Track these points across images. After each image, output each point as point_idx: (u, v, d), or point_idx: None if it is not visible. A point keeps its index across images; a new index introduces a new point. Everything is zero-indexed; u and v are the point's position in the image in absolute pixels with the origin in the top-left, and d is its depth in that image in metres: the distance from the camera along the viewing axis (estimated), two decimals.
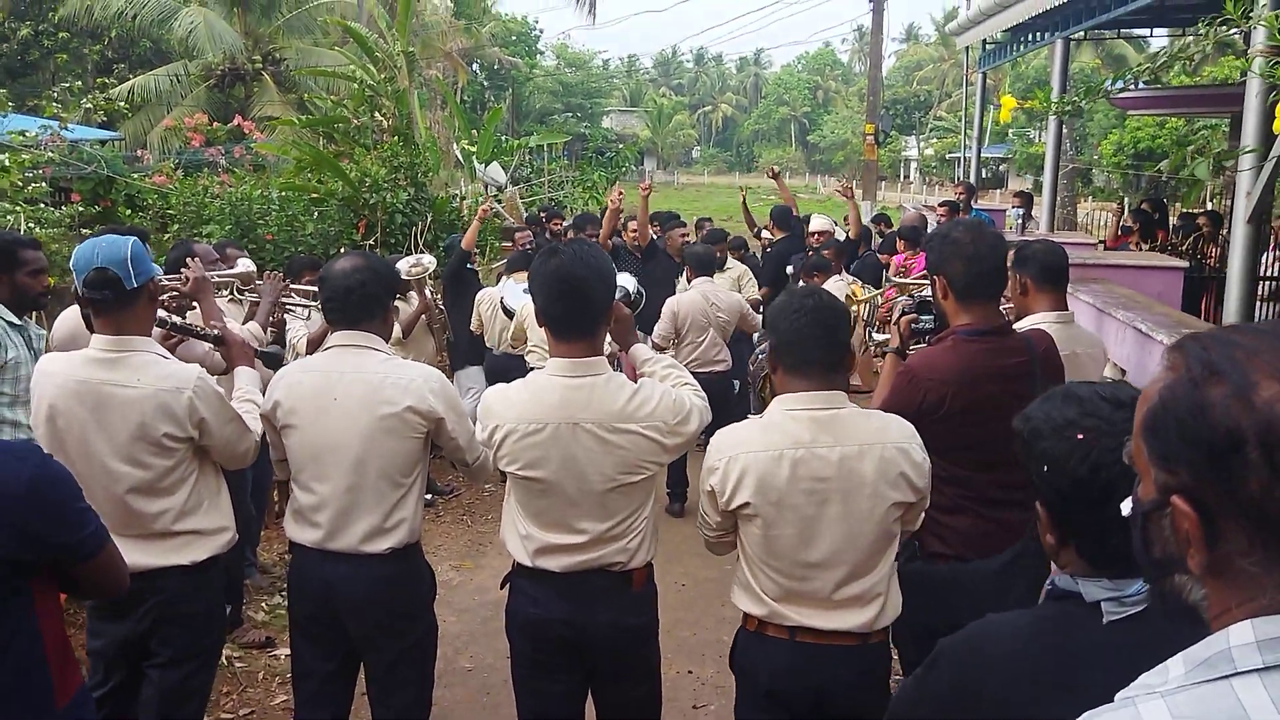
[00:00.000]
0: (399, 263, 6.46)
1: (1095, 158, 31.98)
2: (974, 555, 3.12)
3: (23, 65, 24.48)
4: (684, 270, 7.69)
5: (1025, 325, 3.68)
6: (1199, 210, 12.68)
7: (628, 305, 3.25)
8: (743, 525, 2.74)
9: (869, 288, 7.35)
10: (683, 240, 8.99)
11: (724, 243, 8.90)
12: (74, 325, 4.26)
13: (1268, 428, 0.97)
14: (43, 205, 7.80)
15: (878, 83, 28.51)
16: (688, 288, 7.22)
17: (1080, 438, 1.65)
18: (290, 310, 5.22)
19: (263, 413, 3.29)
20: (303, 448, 3.18)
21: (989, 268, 3.16)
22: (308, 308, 5.15)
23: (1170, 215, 13.45)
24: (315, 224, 10.12)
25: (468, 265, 8.04)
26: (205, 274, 3.94)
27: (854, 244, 9.45)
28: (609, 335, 3.05)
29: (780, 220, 9.46)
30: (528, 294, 3.18)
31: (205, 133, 14.71)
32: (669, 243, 8.99)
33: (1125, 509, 1.14)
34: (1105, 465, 1.59)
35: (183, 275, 3.93)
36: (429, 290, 7.08)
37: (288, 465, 3.28)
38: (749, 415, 4.22)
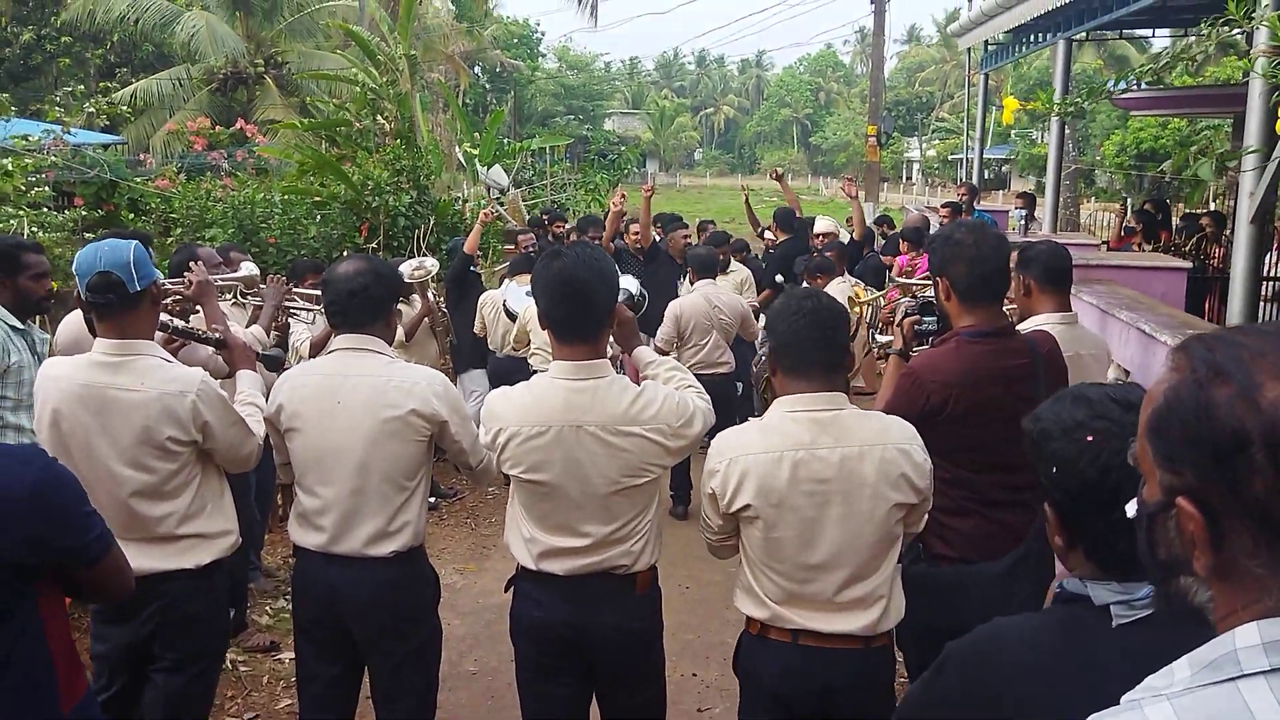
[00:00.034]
0: (402, 266, 6.47)
1: (1098, 158, 31.97)
2: (978, 557, 3.12)
3: (25, 70, 24.54)
4: (686, 272, 7.69)
5: (1028, 326, 3.67)
6: (1202, 211, 12.66)
7: (630, 307, 3.24)
8: (744, 528, 2.74)
9: (871, 289, 7.36)
10: (685, 242, 8.99)
11: (726, 245, 8.90)
12: (78, 329, 4.26)
13: (1273, 428, 0.97)
14: (46, 209, 7.81)
15: (880, 84, 28.52)
16: (691, 290, 7.22)
17: (1090, 440, 1.64)
18: (295, 314, 5.22)
19: (266, 416, 3.29)
20: (306, 451, 3.18)
21: (992, 269, 3.16)
22: (312, 311, 5.15)
23: (1173, 216, 13.45)
24: (318, 227, 10.13)
25: (471, 268, 8.05)
26: (208, 278, 3.94)
27: (858, 245, 9.44)
28: (612, 338, 3.05)
29: (783, 222, 9.46)
30: (530, 297, 3.19)
31: (208, 136, 14.73)
32: (671, 244, 8.99)
33: (1130, 510, 1.13)
34: (1115, 467, 1.58)
35: (186, 279, 3.94)
36: (431, 293, 7.09)
37: (291, 469, 3.28)
38: (752, 417, 4.22)
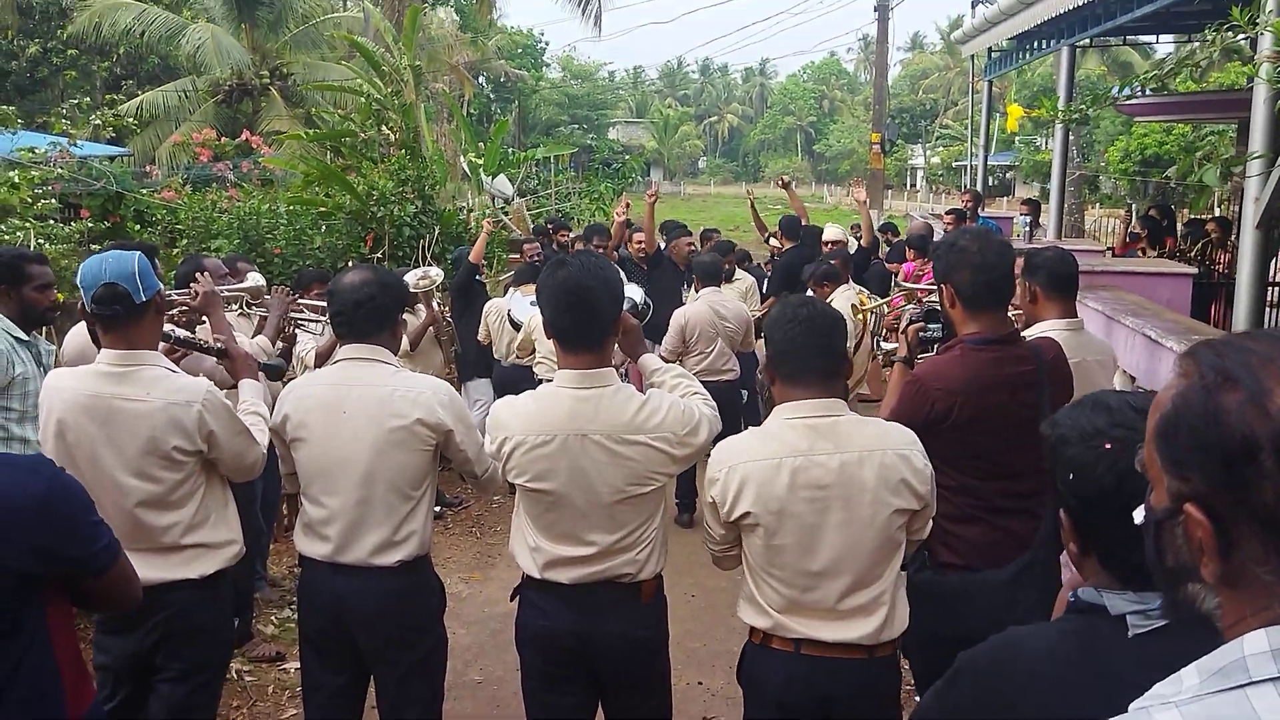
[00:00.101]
0: (407, 276, 6.48)
1: (1102, 165, 31.95)
2: (983, 564, 3.11)
3: (32, 82, 24.65)
4: (690, 280, 7.67)
5: (1034, 333, 3.67)
6: (1208, 216, 12.65)
7: (635, 315, 3.25)
8: (745, 536, 2.73)
9: (875, 297, 7.35)
10: (689, 249, 9.00)
11: (732, 254, 8.90)
12: (84, 341, 4.26)
13: None
14: (52, 221, 7.85)
15: (883, 91, 28.56)
16: (695, 297, 7.22)
17: (1108, 447, 1.63)
18: (302, 325, 5.22)
19: (272, 426, 3.29)
20: (312, 461, 3.18)
21: (996, 276, 3.15)
22: (320, 322, 5.15)
23: (1178, 222, 13.43)
24: (323, 237, 10.16)
25: (476, 278, 8.06)
26: (214, 288, 3.94)
27: (867, 252, 9.44)
28: (617, 346, 3.04)
29: (789, 230, 9.46)
30: (535, 306, 3.19)
31: (213, 148, 14.79)
32: (674, 252, 9.00)
33: (1138, 517, 1.13)
34: (1132, 476, 1.58)
35: (192, 290, 3.94)
36: (436, 303, 7.10)
37: (297, 479, 3.28)
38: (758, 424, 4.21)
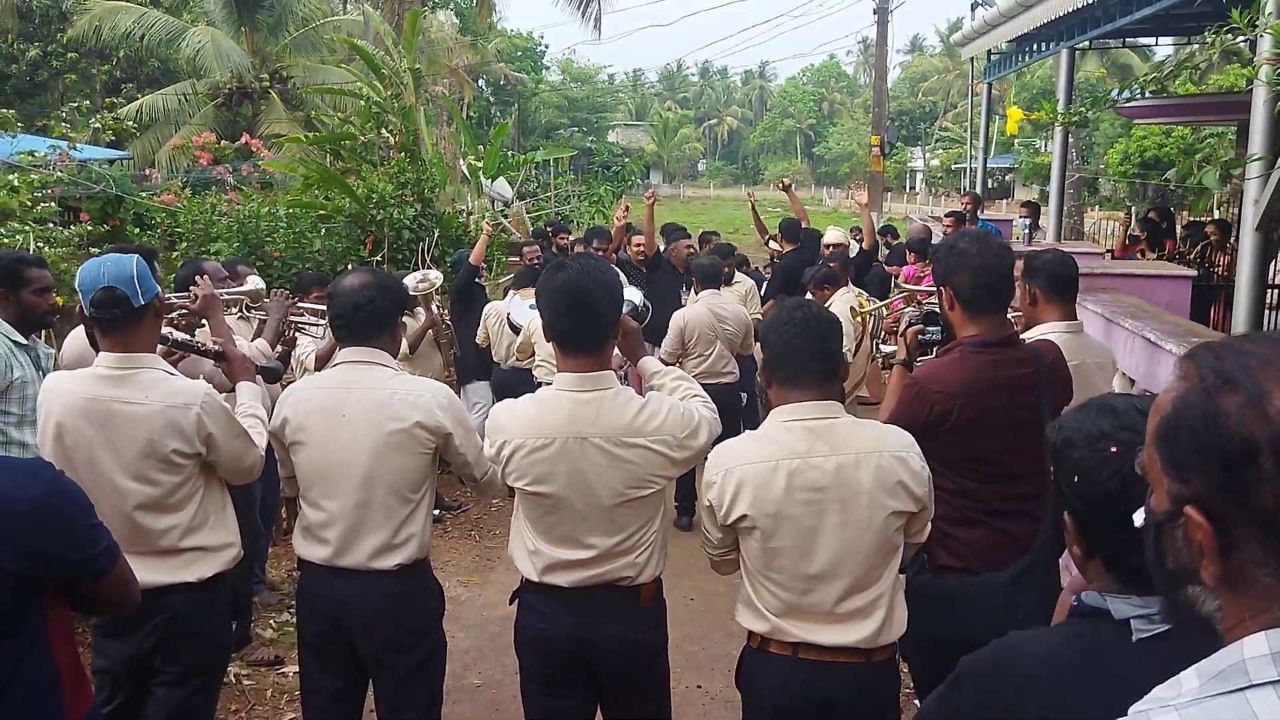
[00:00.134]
0: (406, 279, 6.48)
1: (1101, 167, 31.97)
2: (983, 567, 3.11)
3: (32, 86, 24.68)
4: (689, 283, 7.67)
5: (1034, 335, 3.67)
6: (1206, 219, 12.66)
7: (634, 318, 3.24)
8: (742, 539, 2.72)
9: (874, 300, 7.35)
10: (688, 252, 9.00)
11: (731, 257, 8.90)
12: (83, 344, 4.26)
13: None
14: (52, 225, 7.84)
15: (883, 94, 28.59)
16: (695, 300, 7.22)
17: (1114, 451, 1.63)
18: (303, 329, 5.22)
19: (271, 429, 3.29)
20: (311, 464, 3.18)
21: (996, 279, 3.15)
22: (320, 326, 5.15)
23: (1177, 224, 13.44)
24: (323, 241, 10.16)
25: (476, 280, 8.06)
26: (213, 292, 3.94)
27: (868, 255, 9.44)
28: (617, 348, 3.04)
29: (789, 233, 9.46)
30: (534, 310, 3.19)
31: (213, 151, 14.79)
32: (673, 254, 9.00)
33: (1138, 519, 1.13)
34: (1137, 480, 1.57)
35: (191, 293, 3.94)
36: (436, 305, 7.10)
37: (296, 482, 3.27)
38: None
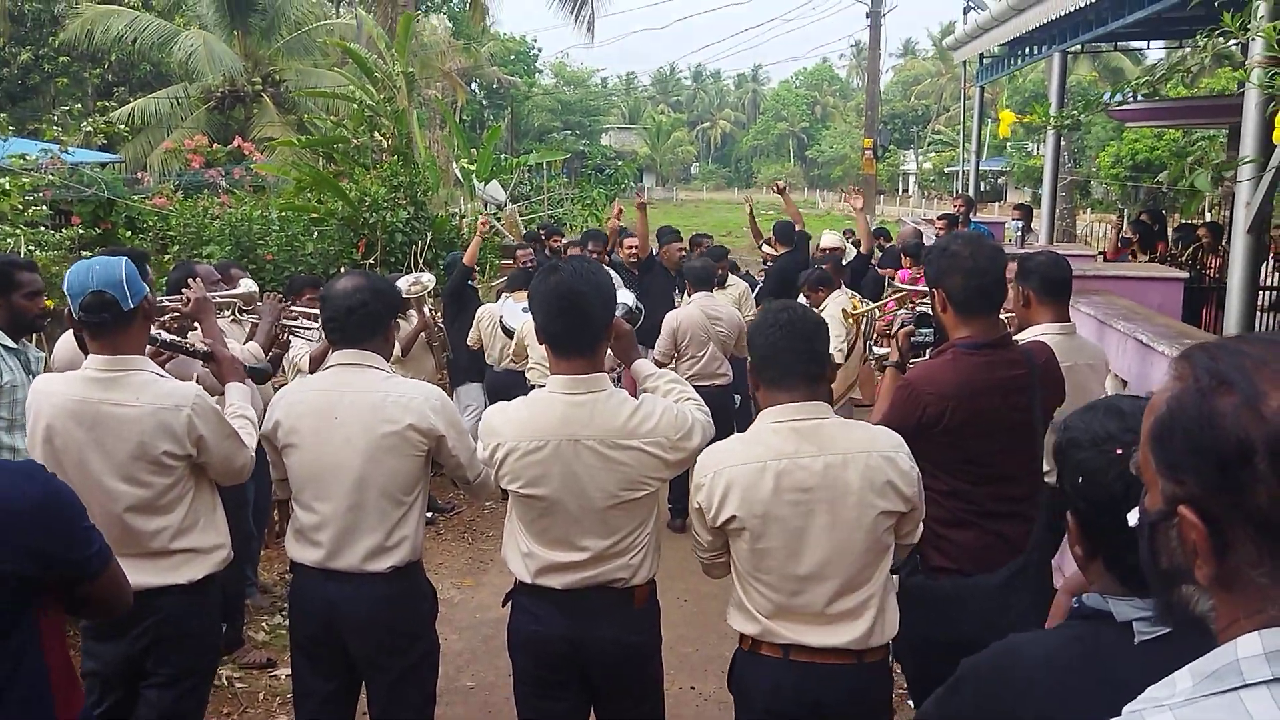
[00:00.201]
0: (399, 281, 6.47)
1: (1093, 170, 32.05)
2: (975, 569, 3.11)
3: (23, 89, 24.58)
4: (682, 285, 7.67)
5: (1027, 337, 3.68)
6: (1198, 221, 12.69)
7: (627, 320, 3.24)
8: (732, 541, 2.73)
9: (868, 301, 7.36)
10: (679, 255, 9.01)
11: (725, 259, 8.91)
12: (75, 348, 4.24)
13: (1277, 438, 0.96)
14: (43, 228, 7.80)
15: (875, 98, 28.64)
16: (689, 302, 7.22)
17: (1119, 452, 1.63)
18: (296, 333, 5.20)
19: (264, 432, 3.28)
20: (304, 467, 3.17)
21: (988, 280, 3.15)
22: (314, 329, 5.13)
23: (1169, 227, 13.47)
24: (315, 244, 10.14)
25: (469, 282, 8.06)
26: (206, 294, 3.93)
27: (865, 259, 9.45)
28: (610, 351, 3.04)
29: (782, 235, 9.46)
30: (526, 312, 3.18)
31: (205, 154, 14.75)
32: (665, 257, 9.01)
33: (1132, 519, 1.13)
34: (1140, 482, 1.57)
35: (184, 296, 3.93)
36: (428, 308, 7.09)
37: (288, 484, 3.27)
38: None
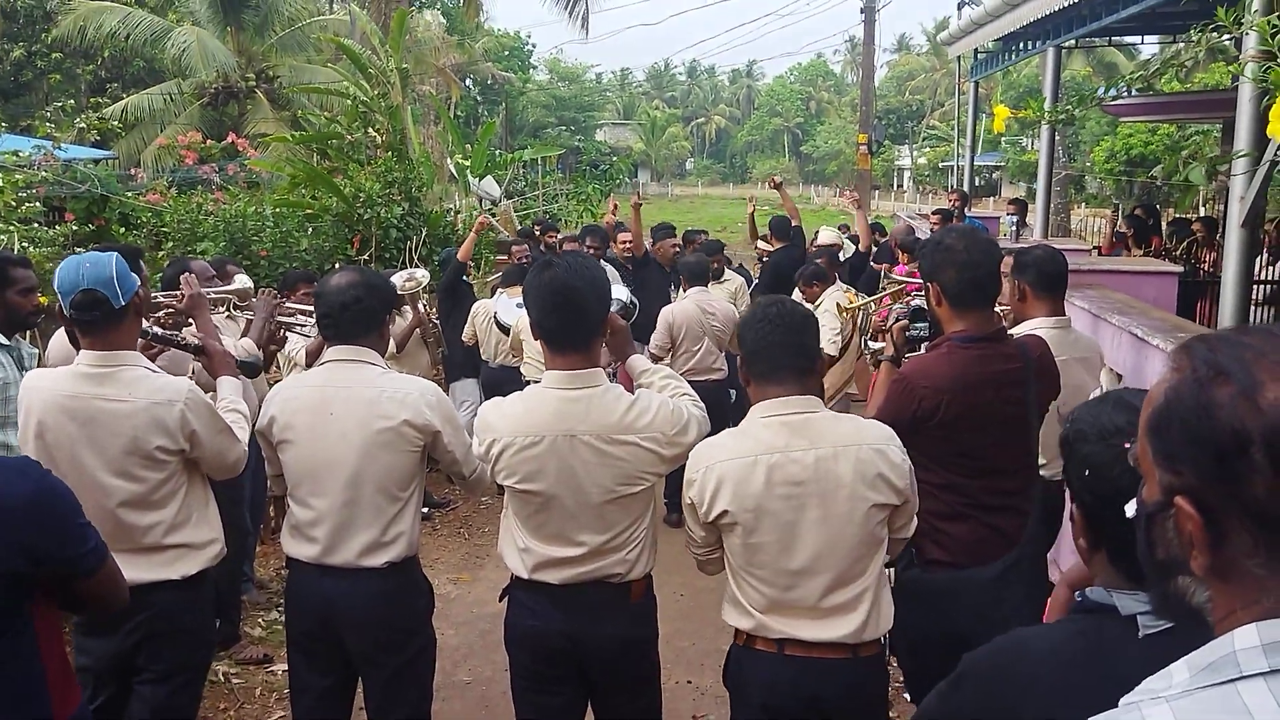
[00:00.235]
0: (393, 277, 6.46)
1: (1088, 165, 32.08)
2: (971, 562, 3.12)
3: (16, 86, 24.53)
4: (677, 281, 7.66)
5: (1022, 331, 3.68)
6: (1193, 216, 12.72)
7: (621, 315, 3.24)
8: (725, 536, 2.72)
9: (863, 295, 7.36)
10: (674, 251, 9.00)
11: (720, 254, 8.90)
12: (70, 345, 4.24)
13: (1274, 429, 0.96)
14: (36, 225, 7.79)
15: (870, 93, 28.65)
16: (684, 297, 7.22)
17: (1127, 446, 1.62)
18: (292, 329, 5.19)
19: (259, 428, 3.27)
20: (299, 463, 3.16)
21: (982, 274, 3.15)
22: (308, 325, 5.12)
23: (1163, 221, 13.49)
24: (310, 240, 10.14)
25: (463, 278, 8.05)
26: (200, 290, 3.92)
27: (864, 256, 9.45)
28: (605, 347, 3.04)
29: (779, 230, 9.46)
30: (521, 308, 3.18)
31: (199, 150, 14.74)
32: (659, 253, 9.01)
33: (1130, 510, 1.12)
34: None
35: (178, 292, 3.92)
36: (423, 304, 7.09)
37: (284, 481, 3.26)
38: None
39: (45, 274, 6.15)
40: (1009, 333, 3.44)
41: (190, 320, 4.00)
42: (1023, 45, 12.47)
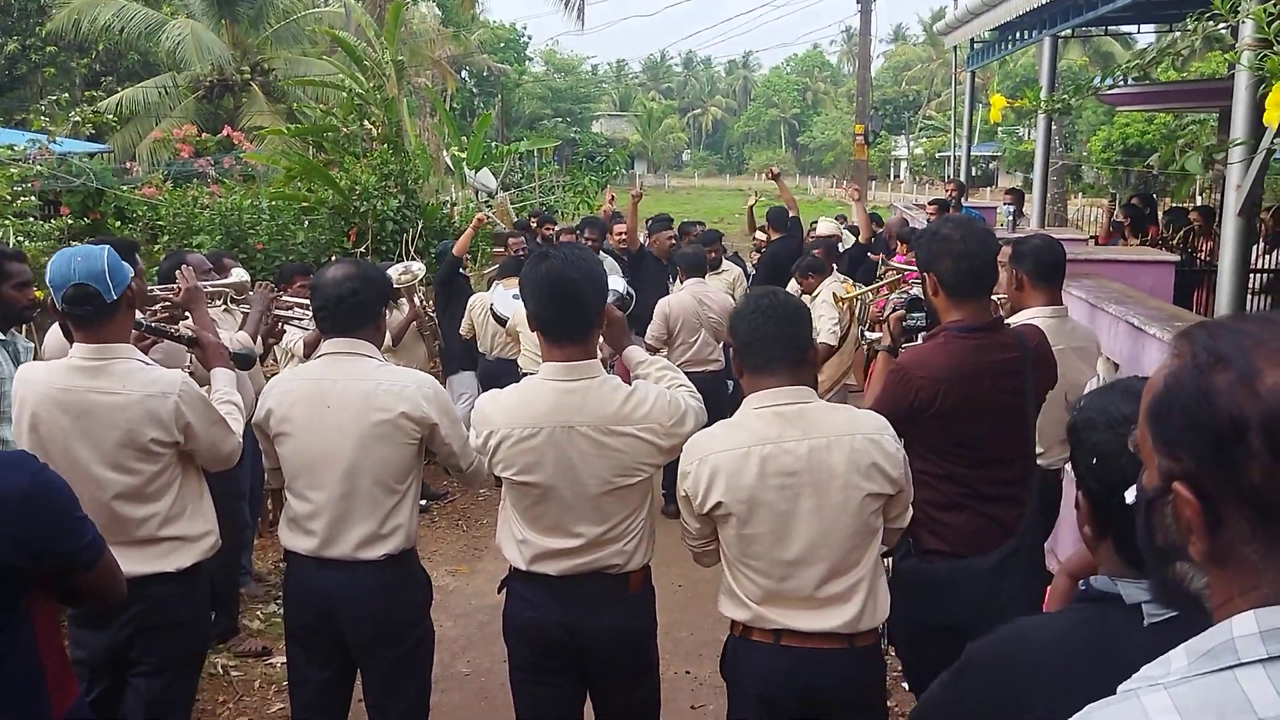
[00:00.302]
0: (390, 270, 6.45)
1: (1085, 154, 32.09)
2: (969, 551, 3.12)
3: (10, 80, 24.48)
4: (674, 273, 7.66)
5: (1019, 321, 3.68)
6: (1189, 205, 12.72)
7: (618, 307, 3.24)
8: (720, 528, 2.73)
9: (860, 285, 7.36)
10: (670, 243, 8.99)
11: (717, 244, 8.90)
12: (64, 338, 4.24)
13: (1272, 415, 0.96)
14: (31, 219, 7.78)
15: (866, 83, 28.61)
16: (681, 289, 7.22)
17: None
18: (290, 322, 5.19)
19: (256, 421, 3.27)
20: (296, 456, 3.16)
21: (979, 264, 3.15)
22: (304, 317, 5.12)
23: (1160, 210, 13.50)
24: (306, 232, 10.12)
25: (460, 271, 8.04)
26: (197, 284, 3.92)
27: (864, 248, 9.44)
28: (602, 338, 3.03)
29: (776, 221, 9.45)
30: (517, 300, 3.18)
31: (194, 144, 14.70)
32: (655, 245, 9.00)
33: (1129, 496, 1.12)
34: None
35: (175, 285, 3.92)
36: (419, 297, 7.08)
37: (281, 473, 3.26)
38: None
39: (40, 268, 6.14)
40: (1006, 322, 3.44)
41: (187, 313, 4.00)
42: (1019, 35, 12.47)
